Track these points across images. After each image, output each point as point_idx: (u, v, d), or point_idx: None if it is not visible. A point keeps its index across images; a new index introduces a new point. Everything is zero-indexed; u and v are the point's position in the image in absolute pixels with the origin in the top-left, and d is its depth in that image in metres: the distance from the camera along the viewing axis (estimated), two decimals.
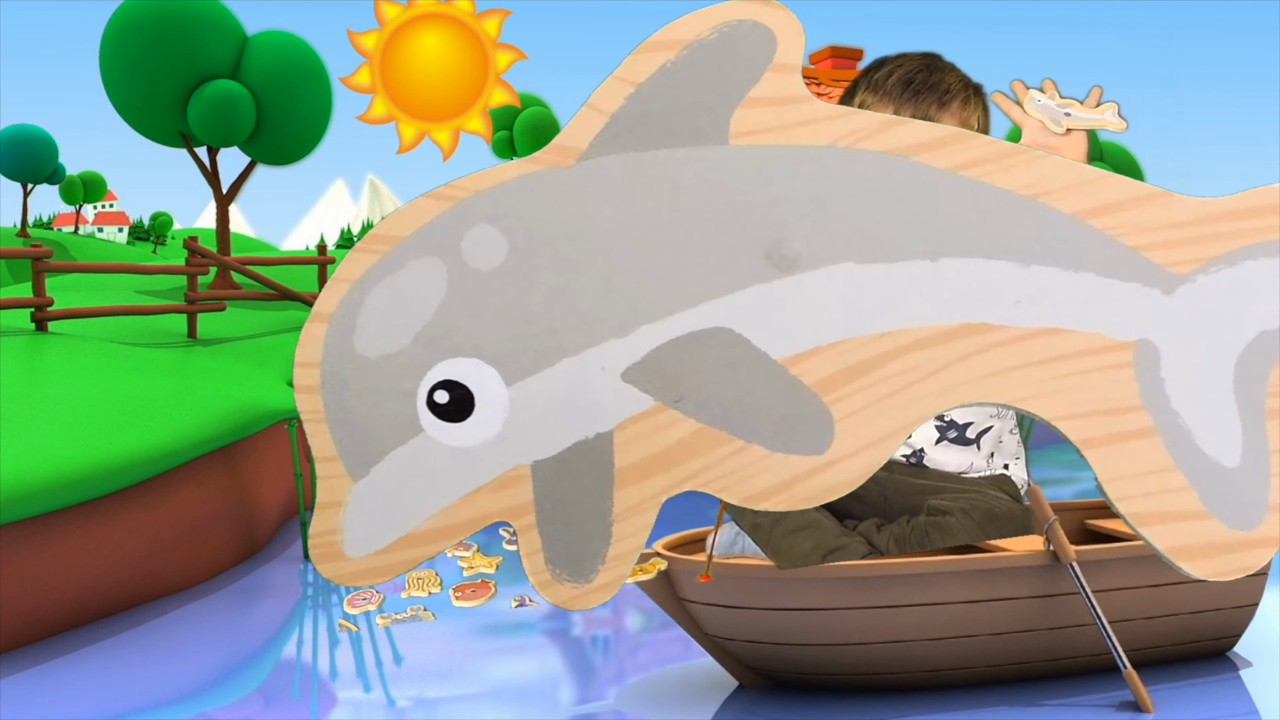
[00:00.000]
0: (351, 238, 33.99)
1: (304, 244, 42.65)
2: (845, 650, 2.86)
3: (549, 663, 3.46)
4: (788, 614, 2.81)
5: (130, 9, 9.92)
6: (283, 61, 10.14)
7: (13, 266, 19.56)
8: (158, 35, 9.79)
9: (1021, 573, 2.89)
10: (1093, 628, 2.87)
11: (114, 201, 42.63)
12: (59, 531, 3.61)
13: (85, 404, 4.41)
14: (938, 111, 2.44)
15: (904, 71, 2.46)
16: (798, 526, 2.55)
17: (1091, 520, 3.51)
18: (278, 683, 3.31)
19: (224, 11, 10.15)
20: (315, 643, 3.70)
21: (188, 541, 4.27)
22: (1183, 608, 3.10)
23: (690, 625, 2.95)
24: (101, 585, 3.77)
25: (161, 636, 3.63)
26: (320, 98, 10.38)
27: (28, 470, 3.49)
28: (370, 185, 70.13)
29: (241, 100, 9.86)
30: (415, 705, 3.07)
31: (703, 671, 3.10)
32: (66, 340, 6.24)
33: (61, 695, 3.11)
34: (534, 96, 21.62)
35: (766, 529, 2.58)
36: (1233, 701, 3.01)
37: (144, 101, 9.94)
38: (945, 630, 2.86)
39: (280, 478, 5.29)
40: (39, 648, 3.45)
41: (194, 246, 8.14)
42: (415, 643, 3.46)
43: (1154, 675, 2.98)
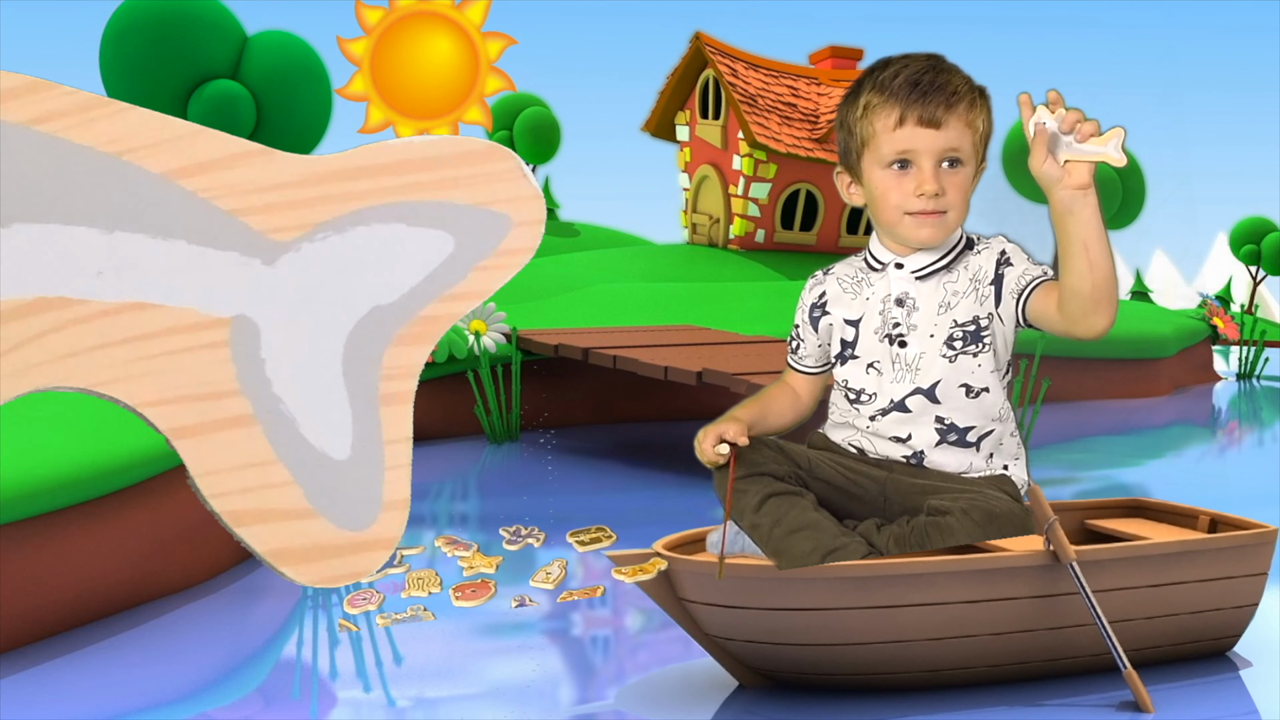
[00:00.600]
0: None
1: None
2: (845, 650, 2.86)
3: (549, 663, 3.46)
4: (788, 614, 2.82)
5: (130, 9, 9.91)
6: (283, 61, 10.13)
7: None
8: (158, 35, 9.78)
9: (1021, 573, 2.89)
10: (1093, 628, 2.87)
11: None
12: (59, 531, 3.61)
13: (85, 404, 4.40)
14: (945, 113, 2.43)
15: (910, 72, 2.44)
16: (797, 527, 2.56)
17: (1091, 520, 3.51)
18: (278, 683, 3.31)
19: (224, 11, 10.14)
20: (315, 643, 3.70)
21: (188, 541, 4.27)
22: (1183, 608, 3.10)
23: (690, 625, 2.95)
24: (101, 585, 3.77)
25: (161, 636, 3.63)
26: (320, 98, 10.37)
27: (28, 470, 3.49)
28: None
29: (241, 100, 9.85)
30: (415, 705, 3.07)
31: (703, 671, 3.10)
32: None
33: (61, 695, 3.11)
34: (534, 96, 21.61)
35: (766, 529, 2.58)
36: (1233, 701, 3.01)
37: (144, 101, 9.88)
38: (945, 630, 2.86)
39: None
40: (39, 648, 3.45)
41: None
42: (415, 643, 3.46)
43: (1154, 675, 2.98)
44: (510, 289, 4.73)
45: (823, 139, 13.45)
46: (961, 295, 2.53)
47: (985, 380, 2.58)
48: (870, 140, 2.49)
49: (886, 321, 2.58)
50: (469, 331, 8.37)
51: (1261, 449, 9.03)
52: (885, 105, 2.45)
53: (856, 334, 2.63)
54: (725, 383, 6.55)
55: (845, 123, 2.55)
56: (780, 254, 13.75)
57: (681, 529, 3.09)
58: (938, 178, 2.45)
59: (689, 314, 10.49)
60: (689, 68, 14.53)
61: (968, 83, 2.50)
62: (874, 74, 2.51)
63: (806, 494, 2.59)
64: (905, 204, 2.49)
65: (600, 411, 9.09)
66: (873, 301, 2.62)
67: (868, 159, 2.51)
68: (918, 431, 2.61)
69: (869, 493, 2.63)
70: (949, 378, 2.55)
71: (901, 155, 2.45)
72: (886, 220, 2.55)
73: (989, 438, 2.60)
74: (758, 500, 2.56)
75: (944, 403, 2.57)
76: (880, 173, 2.49)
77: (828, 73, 14.63)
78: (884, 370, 2.59)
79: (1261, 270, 21.83)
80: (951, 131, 2.45)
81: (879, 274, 2.63)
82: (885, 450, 2.65)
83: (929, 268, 2.55)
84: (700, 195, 14.71)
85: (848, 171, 2.62)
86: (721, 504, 2.69)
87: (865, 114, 2.49)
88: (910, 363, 2.56)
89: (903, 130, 2.44)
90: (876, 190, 2.52)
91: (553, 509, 6.00)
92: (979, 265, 2.53)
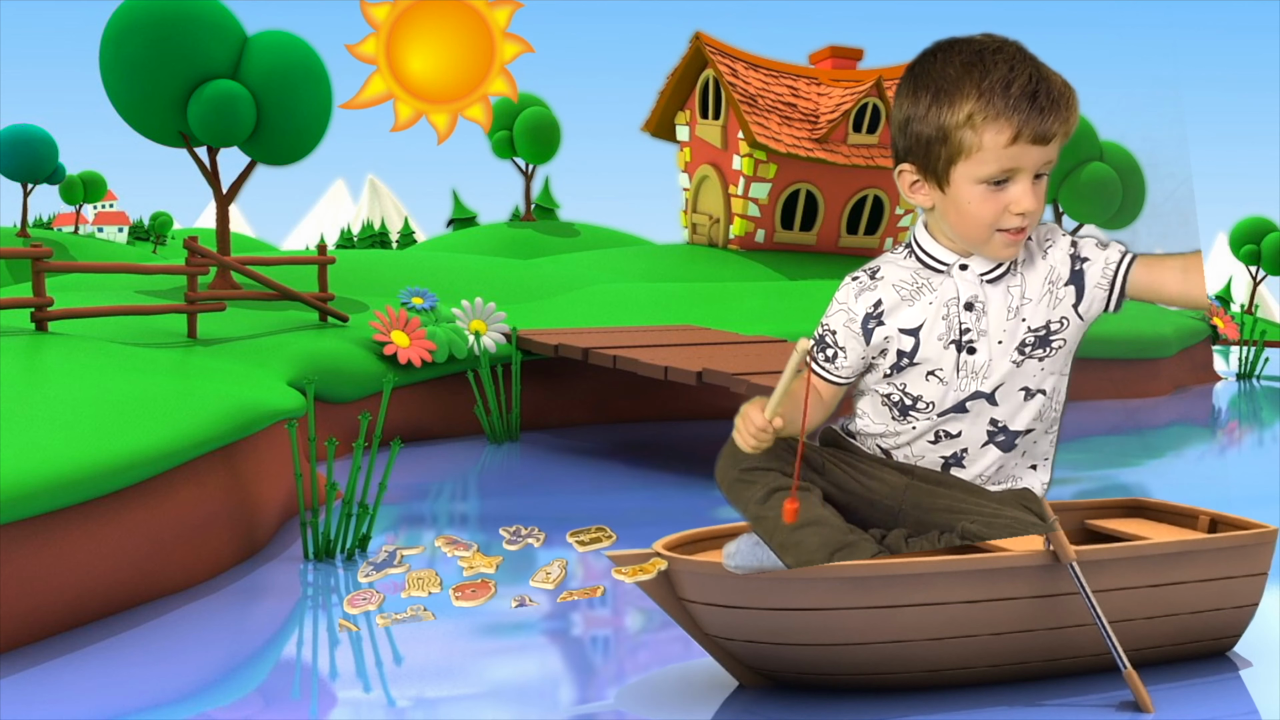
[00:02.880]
0: (351, 238, 34.00)
1: (304, 244, 42.63)
2: (845, 650, 2.86)
3: (549, 663, 3.46)
4: (788, 614, 2.81)
5: (130, 9, 9.91)
6: (283, 61, 10.13)
7: (13, 266, 19.55)
8: (158, 35, 9.78)
9: (1021, 573, 2.89)
10: (1093, 628, 2.87)
11: (114, 201, 42.61)
12: (59, 531, 3.61)
13: (85, 404, 4.41)
14: (1059, 127, 2.22)
15: (1024, 82, 2.19)
16: (804, 523, 2.52)
17: (1091, 520, 3.51)
18: (278, 683, 3.31)
19: (224, 11, 10.14)
20: (315, 643, 3.69)
21: (188, 541, 4.27)
22: (1183, 608, 3.10)
23: (690, 625, 2.95)
24: (101, 585, 3.77)
25: (161, 636, 3.63)
26: (320, 98, 10.37)
27: (28, 470, 3.49)
28: (370, 185, 70.15)
29: (241, 100, 9.85)
30: (415, 705, 3.07)
31: (703, 671, 3.10)
32: (66, 340, 6.24)
33: (61, 695, 3.10)
34: (534, 96, 21.61)
35: (772, 522, 2.55)
36: (1233, 701, 3.01)
37: (144, 101, 9.93)
38: (945, 630, 2.86)
39: (280, 478, 5.29)
40: (39, 648, 3.45)
41: (194, 246, 8.14)
42: (415, 643, 3.46)
43: (1154, 675, 2.98)
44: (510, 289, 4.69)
45: (823, 139, 13.47)
46: (1034, 301, 2.38)
47: (1044, 382, 2.44)
48: (973, 153, 2.24)
49: (953, 327, 2.40)
50: (469, 331, 8.37)
51: (1261, 449, 9.03)
52: (999, 119, 2.20)
53: (917, 343, 2.44)
54: (725, 383, 6.55)
55: (933, 121, 2.26)
56: (780, 254, 13.75)
57: (681, 529, 3.09)
58: (1033, 193, 2.26)
59: (689, 314, 10.49)
60: (689, 68, 14.53)
61: (1073, 93, 2.27)
62: (973, 76, 2.22)
63: (814, 489, 2.55)
64: (1001, 221, 2.27)
65: (600, 411, 9.09)
66: (935, 306, 2.41)
67: (962, 169, 2.26)
68: (969, 430, 2.45)
69: (883, 500, 2.55)
70: (1011, 382, 2.43)
71: (1008, 173, 2.24)
72: (971, 235, 2.34)
73: (1027, 437, 2.50)
74: (765, 493, 2.54)
75: (1001, 404, 2.46)
76: (975, 187, 2.27)
77: (827, 73, 14.63)
78: (947, 378, 2.42)
79: (1261, 270, 21.85)
80: (1055, 146, 2.27)
81: (941, 276, 2.42)
82: (919, 452, 2.51)
83: (997, 269, 2.39)
84: (700, 195, 14.71)
85: (921, 172, 2.33)
86: (724, 496, 2.67)
87: (970, 123, 2.22)
88: (978, 370, 2.41)
89: (1015, 148, 2.22)
90: (968, 204, 2.29)
91: (553, 509, 6.00)
92: (1049, 266, 2.38)
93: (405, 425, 7.37)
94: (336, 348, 7.80)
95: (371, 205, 66.57)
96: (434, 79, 1.87)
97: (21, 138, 22.19)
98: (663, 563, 2.73)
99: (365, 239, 31.74)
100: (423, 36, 1.88)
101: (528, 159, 21.66)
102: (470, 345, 8.27)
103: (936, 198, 2.33)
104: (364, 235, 32.10)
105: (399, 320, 8.12)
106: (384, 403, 4.86)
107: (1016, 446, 2.56)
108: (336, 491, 4.61)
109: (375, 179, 69.47)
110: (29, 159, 22.23)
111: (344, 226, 35.41)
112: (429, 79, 1.87)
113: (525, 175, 21.95)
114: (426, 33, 1.89)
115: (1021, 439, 2.55)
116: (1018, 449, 2.56)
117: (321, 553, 4.56)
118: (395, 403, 7.17)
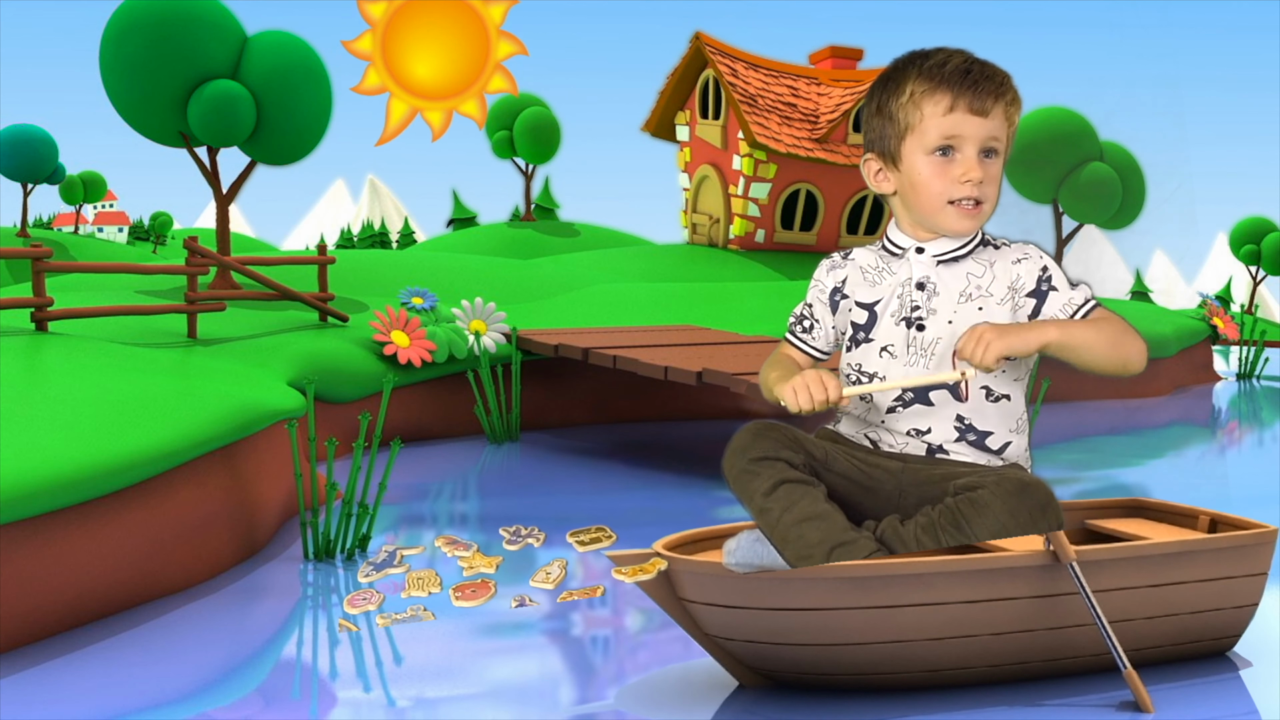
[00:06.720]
0: (351, 238, 33.99)
1: (304, 244, 42.64)
2: (845, 650, 2.86)
3: (549, 663, 3.46)
4: (788, 614, 2.82)
5: (130, 9, 9.90)
6: (283, 61, 10.12)
7: (13, 266, 19.55)
8: (158, 35, 9.77)
9: (1021, 573, 2.89)
10: (1093, 628, 2.87)
11: (114, 201, 42.60)
12: (59, 531, 3.61)
13: (85, 404, 4.41)
14: (993, 103, 2.45)
15: (959, 61, 2.46)
16: (806, 516, 2.53)
17: (1091, 520, 3.51)
18: (278, 683, 3.31)
19: (224, 11, 10.14)
20: (315, 643, 3.70)
21: (188, 541, 4.27)
22: (1183, 608, 3.10)
23: (690, 625, 2.95)
24: (101, 585, 3.77)
25: (161, 636, 3.63)
26: (320, 98, 10.36)
27: (28, 470, 3.49)
28: (370, 185, 70.11)
29: (241, 100, 9.84)
30: (415, 705, 3.07)
31: (703, 671, 3.10)
32: (66, 340, 6.24)
33: (61, 695, 3.11)
34: (534, 96, 21.62)
35: (775, 514, 2.56)
36: (1233, 701, 3.01)
37: (144, 101, 9.92)
38: (945, 630, 2.86)
39: (280, 478, 5.29)
40: (39, 648, 3.45)
41: (194, 246, 8.13)
42: (415, 643, 3.46)
43: (1154, 675, 2.98)
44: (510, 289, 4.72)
45: (823, 139, 13.46)
46: (995, 299, 2.53)
47: (1007, 387, 2.58)
48: (916, 126, 2.48)
49: (905, 304, 2.58)
50: (469, 331, 8.37)
51: (1261, 449, 9.03)
52: (936, 91, 2.44)
53: (871, 317, 2.63)
54: (725, 383, 6.55)
55: (884, 109, 2.53)
56: (780, 254, 13.75)
57: (681, 529, 3.09)
58: (981, 166, 2.46)
59: (689, 314, 10.49)
60: (689, 68, 14.53)
61: (1009, 77, 2.50)
62: (916, 63, 2.50)
63: (818, 485, 2.57)
64: (949, 191, 2.46)
65: (600, 411, 9.08)
66: (892, 286, 2.61)
67: (910, 144, 2.49)
68: (937, 426, 2.57)
69: (884, 486, 2.59)
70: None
71: (948, 141, 2.45)
72: (926, 208, 2.52)
73: (1008, 449, 2.59)
74: (770, 485, 2.55)
75: (966, 402, 2.57)
76: (923, 159, 2.48)
77: (828, 73, 14.63)
78: (898, 354, 2.58)
79: (1261, 270, 21.84)
80: (995, 121, 2.47)
81: (899, 259, 2.61)
82: (901, 443, 2.61)
83: (951, 253, 2.56)
84: (700, 195, 14.71)
85: (879, 158, 2.58)
86: (730, 487, 2.67)
87: (912, 100, 2.47)
88: (926, 347, 2.55)
89: (952, 116, 2.44)
90: (919, 177, 2.50)
91: (553, 509, 6.00)
92: (1016, 274, 2.52)
93: (405, 425, 7.37)
94: (336, 348, 7.80)
95: (371, 205, 66.56)
96: (429, 75, 1.87)
97: (21, 138, 22.20)
98: (663, 563, 2.73)
99: (365, 239, 31.73)
100: (418, 32, 1.88)
101: (528, 159, 21.67)
102: (470, 345, 8.27)
103: (896, 179, 2.55)
104: (364, 235, 32.10)
105: (399, 320, 8.12)
106: (384, 403, 4.86)
107: (991, 452, 2.69)
108: (336, 491, 4.61)
109: (375, 179, 69.44)
110: (29, 159, 22.24)
111: (344, 226, 35.40)
112: (424, 75, 1.87)
113: (525, 175, 21.95)
114: (422, 28, 1.89)
115: (999, 445, 2.70)
116: (992, 450, 2.68)
117: (321, 553, 4.56)
118: (395, 403, 7.18)
